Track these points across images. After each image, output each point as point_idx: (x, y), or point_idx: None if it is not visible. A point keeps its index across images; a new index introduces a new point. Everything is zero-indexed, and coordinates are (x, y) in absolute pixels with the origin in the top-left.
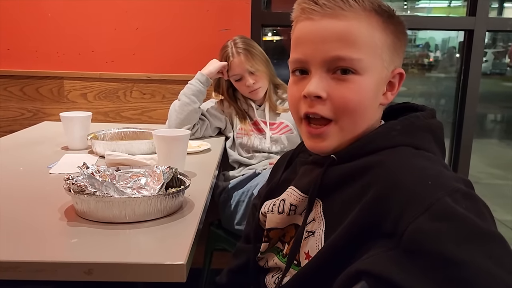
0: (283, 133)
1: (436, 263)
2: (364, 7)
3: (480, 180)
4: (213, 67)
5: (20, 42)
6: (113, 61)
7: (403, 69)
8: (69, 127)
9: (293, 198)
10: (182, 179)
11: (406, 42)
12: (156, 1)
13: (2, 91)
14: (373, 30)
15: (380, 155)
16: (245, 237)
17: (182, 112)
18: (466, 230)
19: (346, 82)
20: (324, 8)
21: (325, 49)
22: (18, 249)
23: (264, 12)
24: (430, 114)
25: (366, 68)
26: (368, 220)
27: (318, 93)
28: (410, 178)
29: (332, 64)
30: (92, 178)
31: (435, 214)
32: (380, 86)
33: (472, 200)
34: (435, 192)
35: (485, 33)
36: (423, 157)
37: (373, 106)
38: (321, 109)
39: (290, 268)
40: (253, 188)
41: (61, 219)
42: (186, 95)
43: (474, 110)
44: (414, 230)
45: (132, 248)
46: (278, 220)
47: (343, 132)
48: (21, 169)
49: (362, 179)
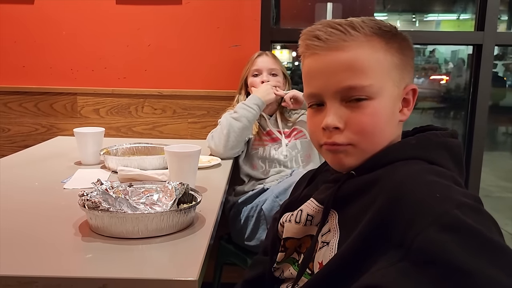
0: (296, 138)
1: (445, 273)
2: (365, 34)
3: (491, 194)
4: (273, 97)
5: (35, 60)
6: (125, 77)
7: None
8: (83, 143)
9: (310, 208)
10: (194, 194)
11: (413, 56)
12: (168, 19)
13: (17, 107)
14: (378, 53)
15: (392, 166)
16: (263, 249)
17: (242, 136)
18: (475, 240)
19: (360, 108)
20: (327, 42)
21: (336, 80)
22: (35, 264)
23: (273, 28)
24: (449, 134)
25: (378, 92)
26: (376, 231)
27: (336, 125)
28: (418, 190)
29: (345, 94)
30: (106, 194)
31: (443, 225)
32: (395, 105)
33: (480, 214)
34: (443, 204)
35: (494, 48)
36: (434, 171)
37: (390, 124)
38: (338, 138)
39: (304, 277)
40: (261, 203)
41: (76, 234)
42: (248, 120)
43: (484, 123)
44: (423, 241)
45: (145, 264)
46: (295, 230)
47: (363, 152)
48: (36, 184)
49: (373, 190)
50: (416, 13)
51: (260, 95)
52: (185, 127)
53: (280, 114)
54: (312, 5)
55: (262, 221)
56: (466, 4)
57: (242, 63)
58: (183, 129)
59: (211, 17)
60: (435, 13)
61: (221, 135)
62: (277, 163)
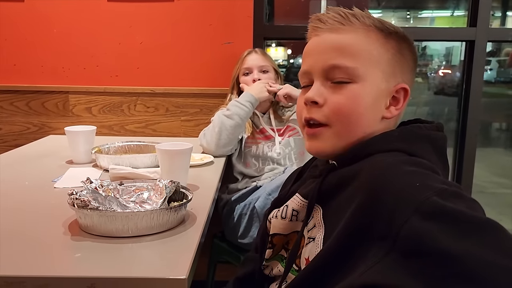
0: (290, 136)
1: (434, 261)
2: (364, 23)
3: (485, 190)
4: (266, 95)
5: (26, 58)
6: (117, 75)
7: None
8: (74, 141)
9: (295, 203)
10: (185, 192)
11: (415, 61)
12: (160, 16)
13: (8, 105)
14: (370, 43)
15: (371, 158)
16: (254, 247)
17: (234, 133)
18: (459, 223)
19: (341, 89)
20: (326, 24)
21: (323, 58)
22: (23, 264)
23: (266, 25)
24: (434, 127)
25: (361, 76)
26: (360, 224)
27: (314, 99)
28: (398, 180)
29: (330, 73)
30: (95, 192)
31: (426, 213)
32: (380, 98)
33: (461, 197)
34: (423, 192)
35: (486, 44)
36: (412, 161)
37: (370, 114)
38: (316, 114)
39: (291, 274)
40: (254, 201)
41: (65, 234)
42: (240, 117)
43: (477, 119)
44: (407, 231)
45: (135, 262)
46: (281, 225)
47: (337, 137)
48: (27, 183)
49: (353, 183)
50: (410, 9)
51: (253, 92)
52: (178, 125)
53: (273, 111)
54: (306, 1)
55: (255, 219)
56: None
57: (235, 61)
58: (176, 127)
59: (204, 14)
60: (429, 9)
61: (213, 133)
62: (271, 161)
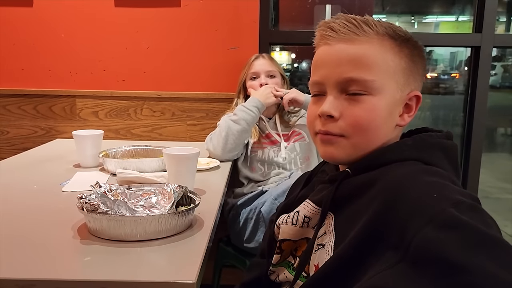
0: (295, 141)
1: (444, 272)
2: (377, 32)
3: (490, 195)
4: (273, 100)
5: (34, 62)
6: (124, 80)
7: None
8: (81, 145)
9: (307, 210)
10: (192, 197)
11: (424, 66)
12: (166, 21)
13: (16, 109)
14: (386, 53)
15: (388, 168)
16: (260, 252)
17: (240, 138)
18: (472, 236)
19: (358, 102)
20: (339, 33)
21: (339, 71)
22: (33, 267)
23: (271, 30)
24: (445, 135)
25: (379, 89)
26: (374, 232)
27: (330, 113)
28: (415, 190)
29: (346, 86)
30: (104, 197)
31: (440, 223)
32: (395, 107)
33: (477, 212)
34: (440, 203)
35: (492, 50)
36: (431, 171)
37: (387, 125)
38: (332, 128)
39: (299, 281)
40: (260, 205)
41: (74, 237)
42: (247, 122)
43: (483, 124)
44: (420, 240)
45: (144, 266)
46: (291, 231)
47: (354, 148)
48: (35, 187)
49: (369, 191)
50: (415, 14)
51: (259, 97)
52: (184, 129)
53: (279, 116)
54: (310, 7)
55: (261, 223)
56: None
57: (241, 65)
58: (182, 131)
59: (210, 19)
60: (434, 14)
61: (219, 138)
62: (276, 166)
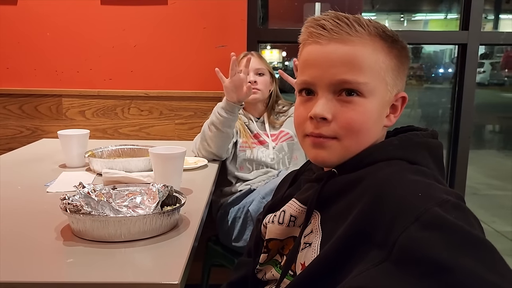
0: (283, 140)
1: (427, 271)
2: (370, 32)
3: (479, 191)
4: (245, 93)
5: (19, 61)
6: (111, 79)
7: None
8: (67, 145)
9: (293, 209)
10: (178, 196)
11: (409, 66)
12: (153, 19)
13: (1, 109)
14: (378, 54)
15: (374, 167)
16: (247, 251)
17: (218, 142)
18: (457, 236)
19: (351, 104)
20: (331, 33)
21: (332, 72)
22: (15, 269)
23: (260, 28)
24: (430, 134)
25: (371, 91)
26: (359, 231)
27: (324, 115)
28: (400, 189)
29: (338, 87)
30: (88, 197)
31: (425, 223)
32: (384, 109)
33: (462, 211)
34: (425, 202)
35: (478, 47)
36: (416, 170)
37: (376, 127)
38: (325, 130)
39: (286, 279)
40: (248, 204)
41: (57, 239)
42: (216, 127)
43: (470, 121)
44: (405, 239)
45: (128, 268)
46: (278, 230)
47: (345, 150)
48: (19, 187)
49: (355, 190)
50: (404, 12)
51: (229, 97)
52: (172, 129)
53: (268, 116)
54: (300, 5)
55: (249, 222)
56: (451, 4)
57: (229, 64)
58: (170, 131)
59: (197, 17)
60: (423, 12)
61: (202, 142)
62: (264, 166)
